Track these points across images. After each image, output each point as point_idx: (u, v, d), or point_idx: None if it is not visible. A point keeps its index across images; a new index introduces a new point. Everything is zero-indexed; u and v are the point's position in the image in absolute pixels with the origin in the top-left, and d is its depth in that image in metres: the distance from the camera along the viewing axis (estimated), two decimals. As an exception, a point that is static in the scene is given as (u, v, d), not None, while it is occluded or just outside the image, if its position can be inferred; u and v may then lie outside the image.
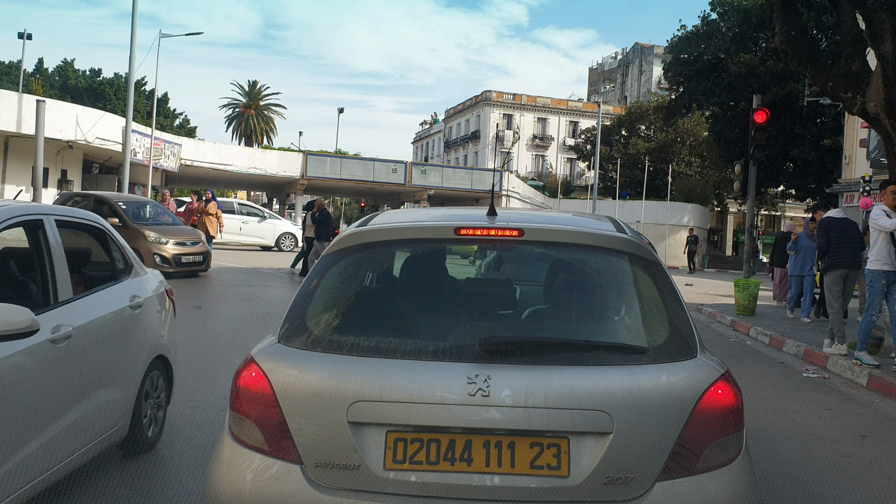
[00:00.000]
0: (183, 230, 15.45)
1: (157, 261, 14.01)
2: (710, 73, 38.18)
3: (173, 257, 14.39)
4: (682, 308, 2.59)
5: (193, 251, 15.00)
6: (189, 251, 14.84)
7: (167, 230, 14.90)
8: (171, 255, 14.36)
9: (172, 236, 14.66)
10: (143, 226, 14.66)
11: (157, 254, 14.19)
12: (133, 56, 24.81)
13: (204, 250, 15.27)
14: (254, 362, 2.45)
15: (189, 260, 14.80)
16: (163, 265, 14.01)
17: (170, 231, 14.92)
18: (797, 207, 58.93)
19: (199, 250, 15.19)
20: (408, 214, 3.30)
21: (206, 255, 15.34)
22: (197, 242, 15.25)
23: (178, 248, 14.61)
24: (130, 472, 4.20)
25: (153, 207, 16.23)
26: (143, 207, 15.90)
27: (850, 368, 8.17)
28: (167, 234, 14.69)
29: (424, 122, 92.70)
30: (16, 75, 51.83)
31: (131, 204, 15.65)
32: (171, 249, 14.45)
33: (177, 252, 14.50)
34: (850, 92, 9.55)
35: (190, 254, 14.85)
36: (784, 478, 4.62)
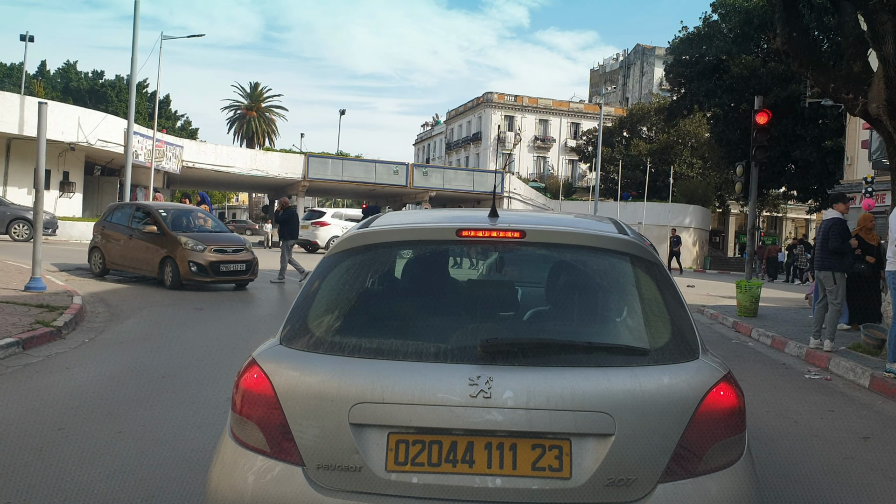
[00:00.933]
0: (226, 237, 14.69)
1: (192, 269, 13.31)
2: (711, 75, 38.20)
3: (210, 265, 13.45)
4: (683, 309, 2.59)
5: (235, 259, 13.96)
6: (230, 259, 13.85)
7: (207, 237, 14.08)
8: (207, 262, 13.42)
9: (212, 243, 13.75)
10: (181, 233, 13.82)
11: (193, 262, 13.33)
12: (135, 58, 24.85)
13: (248, 258, 14.22)
14: (255, 364, 2.45)
15: (230, 269, 13.82)
16: (199, 275, 13.38)
17: (210, 238, 14.07)
18: (799, 209, 58.90)
19: (243, 258, 14.13)
20: (409, 216, 3.30)
21: (251, 264, 14.28)
22: (240, 249, 14.23)
23: (216, 255, 13.63)
24: (131, 473, 4.21)
25: (195, 216, 15.30)
26: (187, 215, 15.04)
27: (853, 370, 8.16)
28: (207, 240, 13.80)
29: (426, 124, 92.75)
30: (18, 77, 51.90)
31: (173, 212, 14.92)
32: (208, 257, 13.49)
33: (215, 259, 13.54)
34: (852, 93, 9.54)
35: (231, 262, 13.84)
36: (786, 479, 4.61)
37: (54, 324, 8.51)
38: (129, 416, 5.41)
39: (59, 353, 7.60)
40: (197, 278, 13.43)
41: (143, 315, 10.57)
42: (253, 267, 14.40)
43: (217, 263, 13.61)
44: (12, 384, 6.30)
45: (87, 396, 6.04)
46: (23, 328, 8.08)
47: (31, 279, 11.34)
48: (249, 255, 14.32)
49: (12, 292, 10.89)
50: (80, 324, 9.30)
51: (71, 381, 6.53)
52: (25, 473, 4.14)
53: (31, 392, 6.09)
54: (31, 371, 6.81)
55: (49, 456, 4.46)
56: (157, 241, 13.93)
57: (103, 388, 6.36)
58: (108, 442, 4.77)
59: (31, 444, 4.67)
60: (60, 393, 6.16)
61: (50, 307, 9.67)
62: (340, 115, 68.08)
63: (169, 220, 14.24)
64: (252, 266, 14.36)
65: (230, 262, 13.86)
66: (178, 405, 5.83)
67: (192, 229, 14.39)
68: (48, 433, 4.90)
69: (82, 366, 7.15)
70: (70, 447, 4.65)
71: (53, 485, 3.99)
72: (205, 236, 14.08)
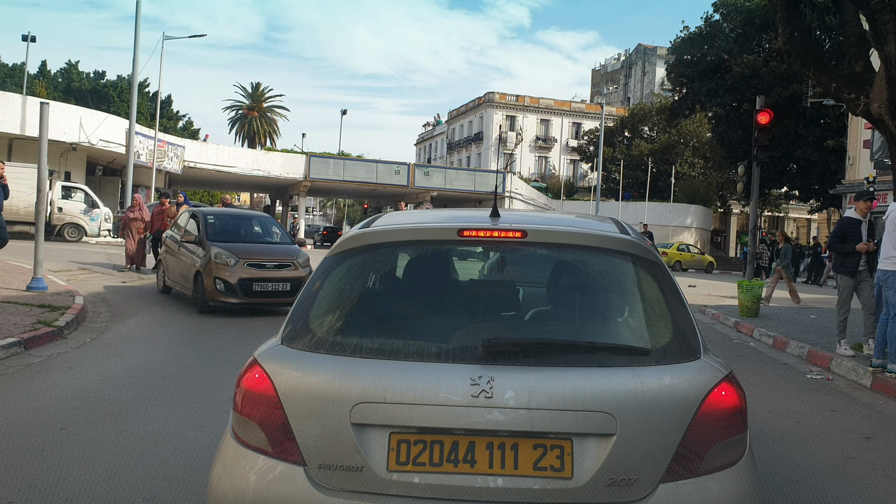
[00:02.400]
0: (270, 249, 11.86)
1: (218, 288, 10.74)
2: (713, 75, 38.20)
3: (240, 283, 10.76)
4: (685, 309, 2.59)
5: (274, 276, 11.13)
6: (267, 276, 11.04)
7: (246, 248, 11.45)
8: (236, 279, 10.73)
9: (249, 255, 11.10)
10: (219, 243, 11.31)
11: (219, 278, 10.74)
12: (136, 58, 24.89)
13: (295, 275, 11.25)
14: (257, 364, 2.45)
15: (266, 288, 10.99)
16: (226, 294, 10.75)
17: (249, 249, 11.41)
18: (800, 209, 58.88)
19: (287, 275, 11.20)
20: (411, 216, 3.30)
21: (299, 283, 11.08)
22: (285, 265, 11.31)
23: (250, 271, 10.90)
24: (133, 473, 4.21)
25: (255, 222, 13.04)
26: (244, 221, 12.86)
27: (854, 370, 8.16)
28: (243, 252, 11.14)
29: (427, 124, 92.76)
30: (20, 78, 51.99)
31: (225, 217, 12.63)
32: (238, 272, 10.79)
33: (247, 276, 10.81)
34: (854, 93, 9.53)
35: (268, 279, 11.04)
36: (788, 479, 4.61)
37: (56, 324, 8.52)
38: (131, 415, 5.41)
39: (61, 352, 7.60)
40: (222, 299, 10.80)
41: (144, 315, 10.57)
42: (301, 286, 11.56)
43: (249, 281, 10.87)
44: (14, 384, 6.30)
45: (89, 396, 6.05)
46: (25, 328, 8.09)
47: (33, 279, 11.34)
48: (297, 272, 11.33)
49: (14, 292, 10.90)
50: (81, 324, 9.30)
51: (72, 381, 6.53)
52: (27, 473, 4.14)
53: (33, 392, 6.09)
54: (32, 371, 6.81)
55: (51, 456, 4.46)
56: (195, 252, 11.67)
57: (105, 387, 6.37)
58: (110, 442, 4.78)
59: (32, 443, 4.67)
60: (62, 393, 6.16)
61: (52, 307, 9.68)
62: (342, 115, 68.13)
63: (215, 226, 11.92)
64: (300, 285, 10.94)
65: (268, 279, 11.05)
66: (179, 405, 5.84)
67: (239, 239, 11.95)
68: (50, 433, 4.91)
69: (84, 366, 7.16)
70: (72, 447, 4.66)
71: (55, 484, 3.99)
72: (243, 247, 11.43)
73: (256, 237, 12.53)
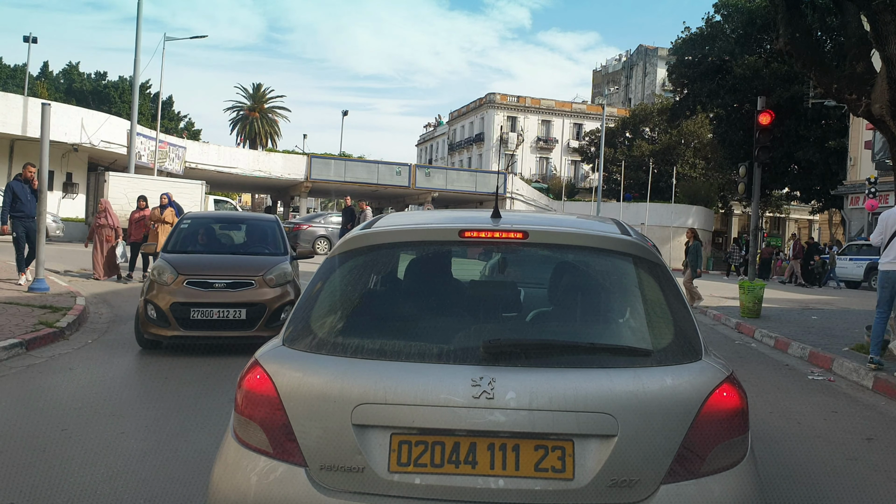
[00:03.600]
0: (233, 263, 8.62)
1: (149, 315, 7.77)
2: (714, 75, 38.21)
3: (171, 309, 7.72)
4: (686, 310, 2.59)
5: (223, 300, 7.88)
6: (213, 300, 7.85)
7: (199, 261, 8.51)
8: (167, 305, 7.73)
9: (195, 270, 8.14)
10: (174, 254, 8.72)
11: (150, 302, 7.81)
12: (138, 59, 24.91)
13: (255, 299, 7.95)
14: (258, 365, 2.45)
15: (210, 316, 7.80)
16: (157, 325, 7.75)
17: (203, 263, 8.44)
18: (802, 209, 58.82)
19: (243, 299, 7.93)
20: (412, 217, 3.30)
21: (259, 310, 7.93)
22: (244, 284, 8.03)
23: (189, 291, 7.84)
24: (134, 473, 4.21)
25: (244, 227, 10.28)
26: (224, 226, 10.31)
27: (856, 371, 8.15)
28: (191, 266, 8.23)
29: (428, 125, 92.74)
30: (21, 78, 52.05)
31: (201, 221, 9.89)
32: (170, 294, 7.79)
33: (183, 300, 7.77)
34: (855, 94, 9.52)
35: (214, 305, 7.83)
36: (789, 480, 4.60)
37: (57, 325, 8.52)
38: (132, 416, 5.42)
39: (63, 353, 7.61)
40: (153, 331, 7.79)
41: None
42: (264, 315, 7.90)
43: (185, 307, 7.75)
44: (15, 385, 6.31)
45: (90, 397, 6.05)
46: (26, 329, 8.10)
47: (35, 280, 11.36)
48: (261, 294, 8.01)
49: (16, 293, 10.91)
50: (83, 325, 9.31)
51: (74, 382, 6.54)
52: (29, 474, 4.15)
53: (35, 393, 6.10)
54: (34, 372, 6.82)
55: (52, 456, 4.46)
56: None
57: (106, 388, 6.37)
58: (111, 442, 4.78)
59: (34, 444, 4.67)
60: (63, 394, 6.17)
61: (53, 308, 9.69)
62: (343, 116, 68.06)
63: (182, 233, 9.32)
64: (261, 313, 7.91)
65: (213, 304, 7.82)
66: (180, 406, 5.84)
67: (206, 248, 9.27)
68: (51, 434, 4.91)
69: (85, 367, 7.17)
70: (73, 448, 4.66)
71: (56, 485, 4.00)
72: (193, 259, 8.57)
73: (233, 247, 9.66)
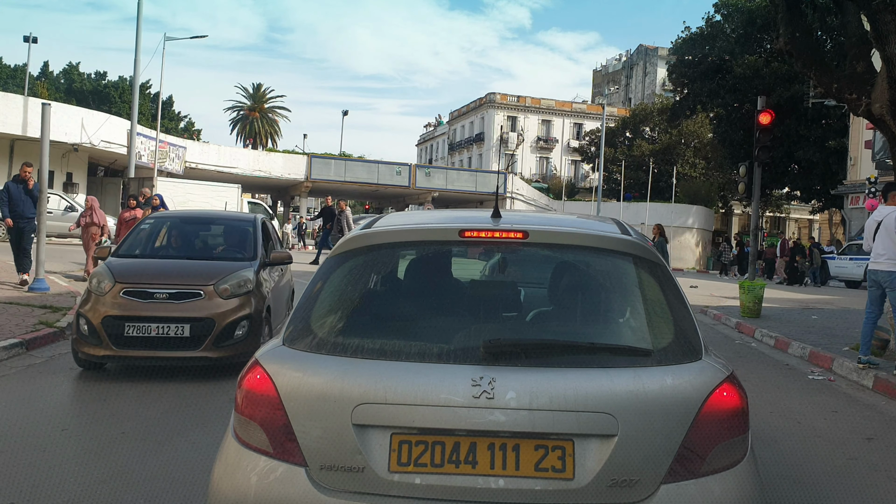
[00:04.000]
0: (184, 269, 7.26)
1: (81, 330, 6.63)
2: (714, 75, 38.21)
3: (105, 324, 6.52)
4: (686, 310, 2.59)
5: (164, 314, 6.61)
6: (152, 313, 6.57)
7: (144, 267, 7.31)
8: (99, 318, 6.55)
9: (135, 277, 6.85)
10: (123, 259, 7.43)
11: (82, 315, 6.65)
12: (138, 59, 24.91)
13: (202, 314, 6.67)
14: (258, 365, 2.45)
15: (149, 332, 6.51)
16: (88, 342, 6.56)
17: (149, 269, 7.20)
18: (802, 209, 58.82)
19: (188, 312, 6.65)
20: (412, 217, 3.30)
21: (208, 325, 6.65)
22: (191, 294, 6.74)
23: (125, 302, 6.58)
24: (134, 473, 4.21)
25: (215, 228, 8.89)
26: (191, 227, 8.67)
27: (856, 370, 8.15)
28: (132, 273, 6.96)
29: (428, 125, 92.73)
30: (21, 78, 52.06)
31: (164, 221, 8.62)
32: (106, 305, 6.61)
33: (117, 313, 6.53)
34: (855, 93, 9.51)
35: (153, 319, 6.54)
36: (789, 480, 4.61)
37: (58, 324, 8.53)
38: (132, 416, 5.42)
39: (63, 353, 7.61)
40: (85, 349, 6.62)
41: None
42: (212, 332, 6.62)
43: (119, 321, 6.50)
44: (16, 385, 6.31)
45: (90, 397, 6.05)
46: (26, 329, 8.10)
47: (35, 280, 11.36)
48: (211, 307, 6.70)
49: (16, 293, 10.91)
50: (83, 324, 9.30)
51: (74, 382, 6.54)
52: (29, 474, 4.15)
53: (35, 393, 6.10)
54: (34, 372, 6.82)
55: (52, 456, 4.47)
56: None
57: (106, 388, 6.37)
58: (111, 442, 4.78)
59: (34, 444, 4.68)
60: (63, 394, 6.17)
61: (53, 308, 9.69)
62: (343, 115, 68.09)
63: (137, 235, 8.09)
64: (209, 329, 6.62)
65: (152, 319, 6.54)
66: (181, 405, 5.84)
67: (162, 253, 8.04)
68: (51, 434, 4.91)
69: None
70: (73, 448, 4.66)
71: (57, 485, 4.00)
72: (139, 265, 7.35)
73: (192, 250, 8.22)
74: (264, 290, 7.37)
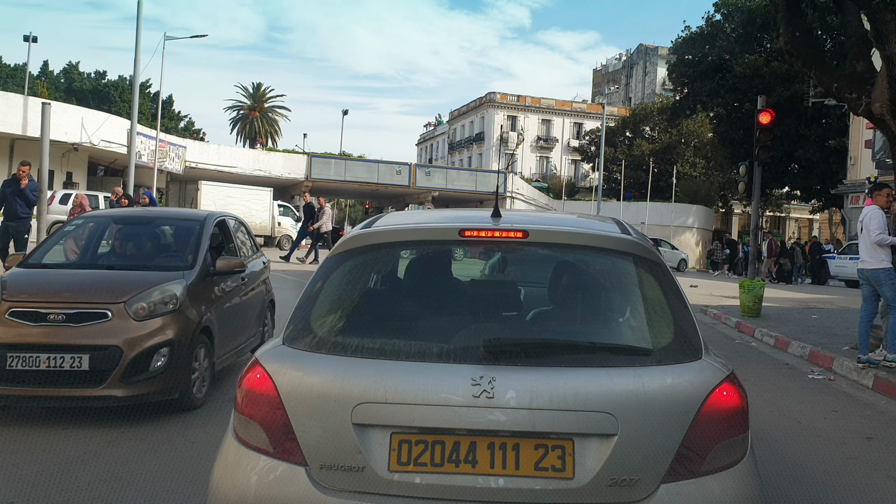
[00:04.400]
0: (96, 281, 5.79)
1: None
2: (714, 75, 38.17)
3: None
4: (686, 309, 2.59)
5: (60, 341, 5.09)
6: (44, 340, 5.08)
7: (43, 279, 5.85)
8: None
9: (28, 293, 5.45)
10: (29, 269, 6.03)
11: None
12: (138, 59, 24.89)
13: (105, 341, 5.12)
14: (258, 364, 2.45)
15: (36, 365, 5.00)
16: None
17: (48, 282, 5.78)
18: (802, 209, 58.81)
19: (87, 339, 5.11)
20: (412, 216, 3.30)
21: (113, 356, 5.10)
22: (94, 315, 5.22)
23: (10, 326, 5.12)
24: (134, 473, 4.21)
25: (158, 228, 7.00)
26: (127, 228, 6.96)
27: (856, 370, 8.15)
28: (26, 286, 5.60)
29: (428, 124, 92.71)
30: (21, 78, 52.05)
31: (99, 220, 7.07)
32: None
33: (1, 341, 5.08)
34: (855, 93, 9.51)
35: (45, 348, 5.03)
36: (789, 479, 4.61)
37: None
38: (132, 416, 5.41)
39: None
40: None
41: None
42: (119, 364, 5.12)
43: (1, 351, 5.07)
44: None
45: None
46: None
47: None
48: (120, 332, 5.20)
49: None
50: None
51: None
52: (29, 473, 4.15)
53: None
54: None
55: (52, 456, 4.47)
56: None
57: None
58: (111, 442, 4.78)
59: (34, 444, 4.68)
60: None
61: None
62: (343, 115, 68.02)
63: (52, 239, 6.74)
64: (114, 361, 5.11)
65: (37, 348, 5.06)
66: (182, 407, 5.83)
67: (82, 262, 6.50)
68: (52, 433, 4.91)
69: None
70: (73, 448, 4.66)
71: (56, 485, 4.00)
72: (27, 277, 5.85)
73: (114, 257, 6.61)
74: (200, 307, 5.73)
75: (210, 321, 5.88)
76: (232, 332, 6.51)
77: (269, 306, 7.91)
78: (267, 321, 7.76)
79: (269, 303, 7.96)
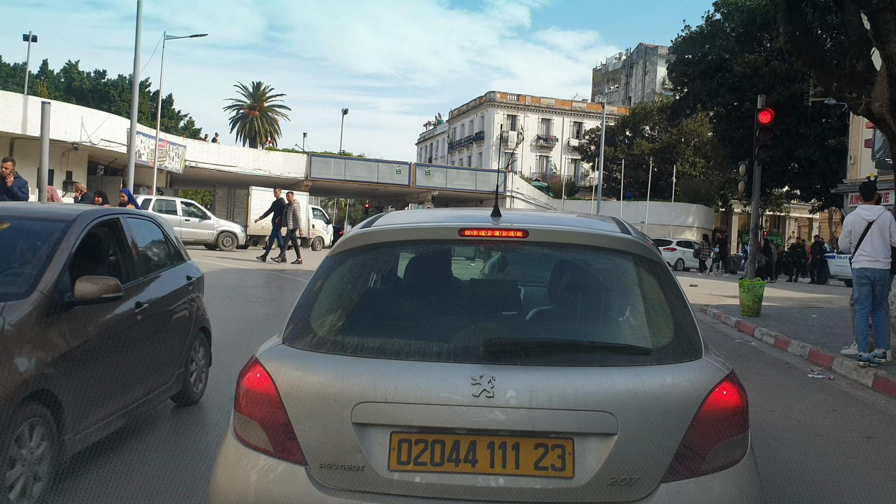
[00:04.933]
0: None
1: None
2: (714, 74, 38.16)
3: None
4: (686, 309, 2.59)
5: None
6: None
7: None
8: None
9: None
10: None
11: None
12: (138, 58, 24.88)
13: None
14: (258, 363, 2.45)
15: None
16: None
17: None
18: (802, 208, 58.82)
19: None
20: (412, 215, 3.30)
21: None
22: None
23: None
24: (134, 473, 4.21)
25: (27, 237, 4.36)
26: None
27: (856, 369, 8.15)
28: None
29: (428, 124, 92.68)
30: (21, 77, 52.04)
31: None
32: None
33: None
34: (855, 92, 9.52)
35: None
36: (789, 479, 4.61)
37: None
38: (133, 415, 5.40)
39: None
40: None
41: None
42: None
43: None
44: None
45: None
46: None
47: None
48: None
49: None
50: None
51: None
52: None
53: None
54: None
55: (52, 455, 4.45)
56: None
57: None
58: (110, 442, 4.77)
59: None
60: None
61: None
62: (343, 114, 67.98)
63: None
64: None
65: None
66: (181, 407, 5.83)
67: None
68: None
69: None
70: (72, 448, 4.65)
71: (56, 485, 3.99)
72: None
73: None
74: (26, 356, 3.55)
75: (52, 380, 3.67)
76: (108, 389, 4.31)
77: (197, 336, 5.67)
78: (195, 356, 5.64)
79: (200, 331, 5.75)
